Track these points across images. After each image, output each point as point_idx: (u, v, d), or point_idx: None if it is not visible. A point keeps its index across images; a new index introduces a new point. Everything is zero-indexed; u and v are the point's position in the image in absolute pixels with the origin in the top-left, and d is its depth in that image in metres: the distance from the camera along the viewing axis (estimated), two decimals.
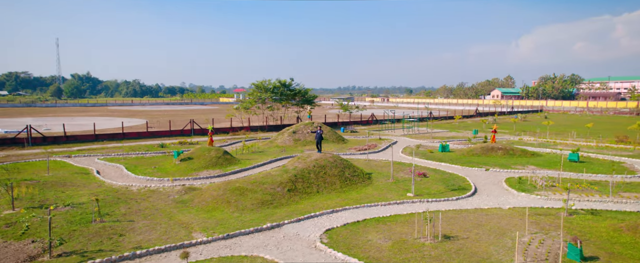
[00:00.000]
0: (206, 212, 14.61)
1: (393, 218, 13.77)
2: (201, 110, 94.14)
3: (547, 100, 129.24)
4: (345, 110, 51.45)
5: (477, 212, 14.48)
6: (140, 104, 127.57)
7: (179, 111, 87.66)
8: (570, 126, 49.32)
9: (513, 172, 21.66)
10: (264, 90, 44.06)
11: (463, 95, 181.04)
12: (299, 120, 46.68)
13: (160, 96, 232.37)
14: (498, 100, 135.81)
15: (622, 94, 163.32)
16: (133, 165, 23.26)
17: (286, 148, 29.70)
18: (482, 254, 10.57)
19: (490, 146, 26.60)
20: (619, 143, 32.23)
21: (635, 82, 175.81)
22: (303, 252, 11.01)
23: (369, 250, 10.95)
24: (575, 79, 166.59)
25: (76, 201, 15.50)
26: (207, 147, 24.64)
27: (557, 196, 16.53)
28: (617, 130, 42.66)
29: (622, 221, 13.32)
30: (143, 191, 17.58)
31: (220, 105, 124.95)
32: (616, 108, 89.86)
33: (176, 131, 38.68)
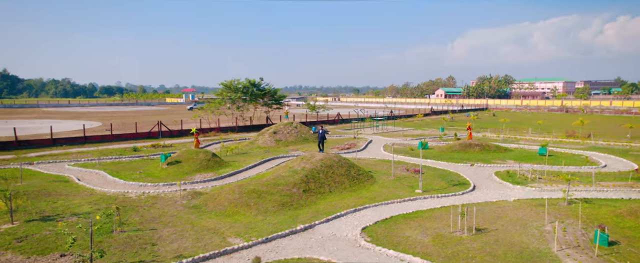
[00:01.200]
0: (227, 216, 14.15)
1: (417, 214, 14.25)
2: (152, 111, 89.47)
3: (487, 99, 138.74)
4: (313, 110, 51.66)
5: (488, 205, 15.41)
6: (79, 105, 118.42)
7: (129, 113, 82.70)
8: (520, 123, 53.45)
9: (496, 167, 23.18)
10: (234, 90, 42.96)
11: (410, 94, 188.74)
12: (268, 121, 46.16)
13: (96, 96, 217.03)
14: (450, 99, 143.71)
15: (546, 93, 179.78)
16: (115, 171, 21.77)
17: (270, 149, 29.33)
18: (519, 244, 11.34)
19: (468, 143, 28.22)
20: (569, 137, 35.60)
21: (556, 82, 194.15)
22: (353, 251, 11.10)
23: (415, 246, 11.29)
24: (508, 79, 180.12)
25: (77, 211, 14.32)
26: (194, 150, 23.71)
27: (548, 187, 18.03)
28: (561, 126, 47.04)
29: (614, 207, 14.88)
30: (143, 198, 16.59)
31: (170, 106, 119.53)
32: (545, 106, 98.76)
33: (143, 133, 36.62)
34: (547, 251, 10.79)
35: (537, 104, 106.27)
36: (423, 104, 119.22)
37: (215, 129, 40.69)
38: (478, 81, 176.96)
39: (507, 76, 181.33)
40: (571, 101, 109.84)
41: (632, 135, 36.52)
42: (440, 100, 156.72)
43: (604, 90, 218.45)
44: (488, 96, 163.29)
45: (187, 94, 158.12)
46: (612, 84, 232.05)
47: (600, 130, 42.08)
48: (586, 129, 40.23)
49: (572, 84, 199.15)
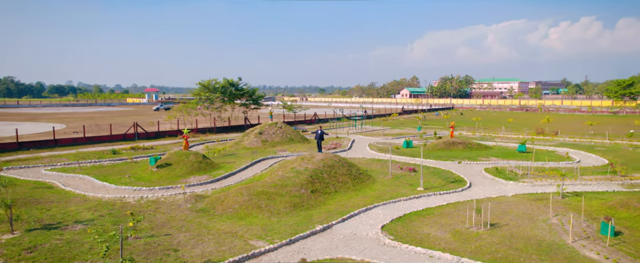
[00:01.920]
0: (239, 218, 13.87)
1: (427, 212, 14.60)
2: (116, 112, 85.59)
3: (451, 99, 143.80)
4: (290, 110, 51.45)
5: (490, 201, 16.02)
6: (30, 106, 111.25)
7: (91, 114, 78.72)
8: (489, 121, 55.86)
9: (482, 164, 24.15)
10: (212, 90, 41.93)
11: (376, 94, 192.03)
12: (247, 121, 45.51)
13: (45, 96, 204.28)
14: (415, 98, 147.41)
15: (504, 93, 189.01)
16: (101, 175, 20.73)
17: (257, 150, 28.95)
18: (534, 237, 11.91)
19: (451, 141, 29.19)
20: (539, 135, 37.68)
21: (512, 83, 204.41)
22: (381, 249, 11.22)
23: (438, 242, 11.58)
24: (468, 79, 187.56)
25: (79, 218, 13.54)
26: (184, 152, 23.01)
27: (539, 182, 19.04)
28: (528, 124, 49.63)
29: (604, 200, 15.95)
30: (143, 203, 15.93)
31: (133, 107, 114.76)
32: (505, 105, 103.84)
33: (118, 136, 35.02)
34: (562, 243, 11.42)
35: (497, 103, 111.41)
36: (391, 103, 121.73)
37: (193, 130, 39.62)
38: (440, 81, 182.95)
39: (467, 76, 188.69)
40: (527, 100, 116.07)
41: (593, 131, 39.15)
42: (405, 99, 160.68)
43: (553, 90, 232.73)
44: (450, 96, 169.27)
45: (150, 94, 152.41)
46: (559, 84, 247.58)
47: (563, 127, 44.78)
48: (552, 126, 42.67)
49: (526, 85, 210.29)
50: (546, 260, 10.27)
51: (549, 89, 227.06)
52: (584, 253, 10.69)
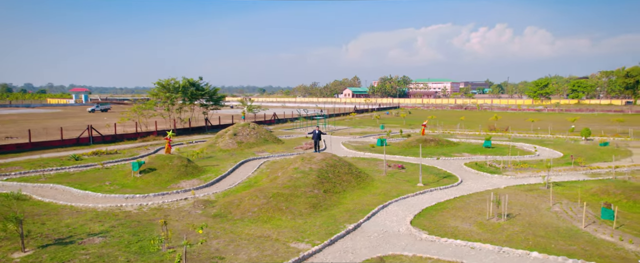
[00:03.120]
0: (264, 222, 13.50)
1: (441, 206, 15.30)
2: (42, 114, 77.54)
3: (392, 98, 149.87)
4: (250, 111, 50.44)
5: (488, 193, 17.17)
6: None
7: (14, 116, 70.62)
8: (441, 119, 59.16)
9: (459, 159, 25.66)
10: (172, 89, 39.70)
11: (319, 94, 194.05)
12: (208, 122, 43.85)
13: None
14: (368, 99, 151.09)
15: (438, 93, 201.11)
16: (76, 184, 18.91)
17: (234, 152, 28.13)
18: (550, 225, 13.02)
19: (423, 138, 30.62)
20: (492, 131, 40.79)
21: (445, 83, 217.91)
22: (423, 244, 11.58)
23: (469, 234, 12.23)
24: (406, 79, 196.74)
25: (89, 231, 12.32)
26: (167, 156, 21.76)
27: (520, 175, 20.73)
28: (478, 121, 53.38)
29: (583, 188, 17.82)
30: (146, 211, 14.87)
31: (62, 108, 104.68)
32: (444, 104, 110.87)
33: (70, 140, 31.95)
34: (576, 228, 12.63)
35: (435, 101, 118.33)
36: (339, 103, 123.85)
37: (152, 132, 37.35)
38: (380, 81, 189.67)
39: (404, 77, 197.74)
40: (463, 100, 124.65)
41: (535, 127, 43.25)
42: (349, 99, 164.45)
43: (479, 90, 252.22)
44: (390, 95, 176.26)
45: (78, 94, 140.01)
46: (483, 84, 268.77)
47: (508, 124, 48.82)
48: (499, 123, 46.37)
49: (457, 85, 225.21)
50: (573, 244, 11.32)
51: (475, 88, 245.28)
52: (600, 236, 11.94)
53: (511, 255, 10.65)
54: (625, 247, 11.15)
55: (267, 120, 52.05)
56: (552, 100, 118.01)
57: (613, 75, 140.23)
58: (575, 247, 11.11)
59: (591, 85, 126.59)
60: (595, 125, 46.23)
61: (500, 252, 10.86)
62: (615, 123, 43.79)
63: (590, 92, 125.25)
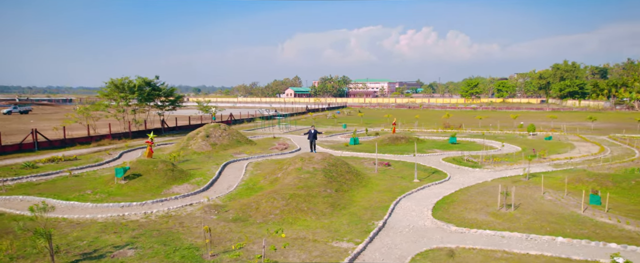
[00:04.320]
0: (290, 223, 13.29)
1: (449, 199, 16.10)
2: None
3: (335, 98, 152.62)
4: (206, 112, 48.61)
5: (483, 186, 18.45)
6: None
7: None
8: (397, 118, 61.50)
9: (433, 155, 27.08)
10: (127, 89, 36.85)
11: (260, 93, 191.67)
12: (164, 124, 41.49)
13: None
14: (318, 98, 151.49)
15: (376, 93, 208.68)
16: (52, 194, 17.09)
17: (210, 154, 27.03)
18: (554, 212, 14.34)
19: (395, 136, 31.81)
20: (447, 128, 43.45)
21: (382, 83, 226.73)
22: (457, 236, 12.16)
23: (491, 224, 13.07)
24: (345, 79, 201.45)
25: (111, 243, 11.25)
26: (151, 160, 20.44)
27: (499, 168, 22.44)
28: (432, 119, 56.38)
29: (556, 178, 19.78)
30: (155, 218, 13.91)
31: None
32: (389, 103, 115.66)
33: (11, 146, 28.48)
34: (577, 214, 14.07)
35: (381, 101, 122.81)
36: (284, 103, 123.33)
37: (107, 136, 34.54)
38: (321, 81, 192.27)
39: (344, 77, 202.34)
40: (401, 99, 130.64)
41: (483, 124, 46.87)
42: (291, 98, 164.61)
43: (412, 90, 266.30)
44: (332, 95, 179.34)
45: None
46: (415, 84, 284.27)
47: (459, 121, 52.25)
48: (451, 121, 49.49)
49: (393, 85, 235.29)
50: (583, 228, 12.63)
51: (410, 88, 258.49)
52: (600, 220, 13.44)
53: (540, 241, 11.62)
54: (625, 228, 12.69)
55: (224, 120, 50.45)
56: (483, 99, 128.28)
57: (528, 76, 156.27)
58: (586, 231, 12.40)
59: (512, 85, 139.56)
60: (531, 121, 51.19)
61: (528, 239, 11.79)
62: (549, 119, 48.90)
63: (512, 92, 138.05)
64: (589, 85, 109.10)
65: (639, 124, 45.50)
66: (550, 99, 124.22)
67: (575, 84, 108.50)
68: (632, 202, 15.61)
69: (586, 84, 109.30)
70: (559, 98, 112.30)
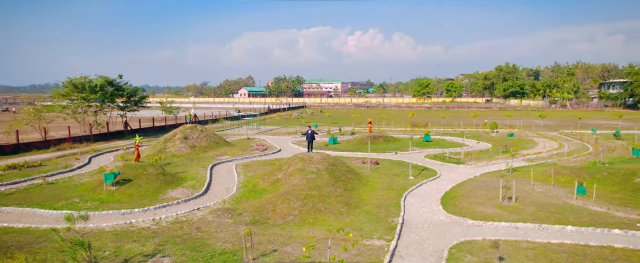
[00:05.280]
0: (311, 224, 13.28)
1: (450, 195, 16.80)
2: None
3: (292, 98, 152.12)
4: (170, 112, 46.56)
5: (475, 181, 19.43)
6: None
7: None
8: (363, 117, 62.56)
9: (414, 153, 28.00)
10: (88, 89, 34.23)
11: (213, 93, 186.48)
12: (127, 126, 39.22)
13: None
14: (279, 98, 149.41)
15: (330, 92, 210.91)
16: (34, 204, 15.73)
17: (191, 157, 26.05)
18: (551, 203, 15.44)
19: (373, 135, 32.50)
20: (414, 127, 45.07)
21: (335, 83, 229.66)
22: (476, 229, 12.76)
23: (501, 216, 13.85)
24: (300, 79, 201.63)
25: (140, 252, 10.59)
26: (140, 164, 19.39)
27: (480, 164, 23.71)
28: (397, 119, 57.99)
29: (537, 171, 21.29)
30: (167, 225, 13.30)
31: None
32: (347, 103, 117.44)
33: None
34: (570, 204, 15.29)
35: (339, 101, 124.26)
36: (244, 103, 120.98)
37: (66, 139, 32.02)
38: (274, 81, 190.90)
39: (298, 77, 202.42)
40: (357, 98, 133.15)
41: (446, 122, 49.13)
42: (245, 98, 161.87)
43: (364, 90, 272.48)
44: (286, 95, 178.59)
45: None
46: (366, 84, 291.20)
47: (423, 120, 54.29)
48: (416, 120, 51.30)
49: (346, 85, 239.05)
50: (582, 217, 13.76)
51: (361, 88, 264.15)
52: (592, 208, 14.73)
53: (552, 231, 12.54)
54: (616, 214, 14.03)
55: (187, 122, 48.57)
56: (434, 99, 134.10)
57: (473, 77, 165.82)
58: (586, 219, 13.55)
59: (460, 85, 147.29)
60: (488, 120, 54.48)
61: (541, 229, 12.67)
62: (505, 117, 52.35)
63: (460, 91, 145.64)
64: (528, 86, 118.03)
65: (579, 121, 50.06)
66: (494, 98, 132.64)
67: (517, 84, 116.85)
68: (610, 191, 17.25)
69: (526, 85, 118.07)
70: (502, 97, 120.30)
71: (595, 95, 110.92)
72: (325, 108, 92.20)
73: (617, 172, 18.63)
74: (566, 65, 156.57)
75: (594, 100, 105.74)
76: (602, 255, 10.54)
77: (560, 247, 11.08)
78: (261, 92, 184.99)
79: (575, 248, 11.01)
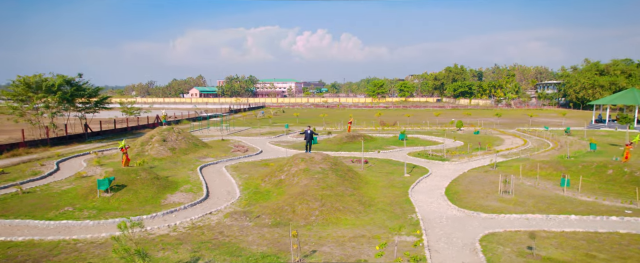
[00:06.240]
0: (334, 223, 13.33)
1: (451, 190, 17.57)
2: None
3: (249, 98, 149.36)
4: (131, 114, 44.05)
5: (468, 176, 20.41)
6: None
7: None
8: (333, 117, 62.91)
9: (395, 151, 28.80)
10: (44, 89, 31.34)
11: (161, 93, 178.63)
12: (88, 129, 36.63)
13: None
14: (239, 98, 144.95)
15: (284, 92, 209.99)
16: (23, 214, 14.42)
17: (174, 160, 24.95)
18: (545, 195, 16.62)
19: (353, 135, 32.97)
20: (383, 126, 46.22)
21: (289, 83, 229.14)
22: (493, 221, 13.45)
23: (506, 209, 14.72)
24: (253, 79, 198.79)
25: (178, 260, 10.06)
26: (132, 169, 18.41)
27: (462, 160, 24.92)
28: (365, 118, 58.96)
29: (515, 166, 22.79)
30: (188, 231, 12.77)
31: None
32: (307, 103, 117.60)
33: None
34: (561, 195, 16.57)
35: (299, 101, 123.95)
36: (199, 103, 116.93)
37: (19, 144, 29.28)
38: (227, 81, 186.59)
39: (251, 76, 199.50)
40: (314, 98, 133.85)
41: (411, 121, 50.86)
42: (196, 99, 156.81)
43: (317, 90, 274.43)
44: (239, 95, 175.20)
45: None
46: (318, 84, 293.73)
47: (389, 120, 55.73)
48: (384, 119, 52.59)
49: (300, 85, 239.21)
50: (578, 206, 14.99)
51: (315, 88, 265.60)
52: (582, 199, 16.08)
53: (558, 220, 13.57)
54: (604, 203, 15.45)
55: (150, 123, 46.31)
56: (388, 98, 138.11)
57: (422, 78, 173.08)
58: (581, 208, 14.80)
59: (413, 85, 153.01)
60: (450, 118, 57.21)
61: (549, 219, 13.66)
62: (465, 115, 55.21)
63: (412, 91, 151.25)
64: (475, 86, 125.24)
65: (530, 119, 54.12)
66: (444, 98, 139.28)
67: (466, 85, 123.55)
68: (588, 182, 18.89)
69: (473, 85, 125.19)
70: (452, 97, 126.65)
71: (534, 94, 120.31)
72: (286, 108, 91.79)
73: (590, 165, 20.45)
74: (505, 67, 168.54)
75: (533, 99, 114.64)
76: (614, 240, 11.61)
77: (575, 235, 12.04)
78: (213, 92, 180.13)
79: (588, 235, 12.02)
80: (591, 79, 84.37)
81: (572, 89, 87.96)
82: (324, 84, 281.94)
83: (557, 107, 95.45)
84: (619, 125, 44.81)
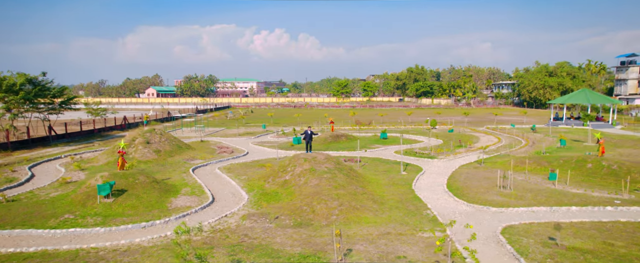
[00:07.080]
0: (356, 222, 13.46)
1: (452, 185, 18.23)
2: None
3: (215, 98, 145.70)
4: (98, 115, 41.74)
5: (462, 173, 21.21)
6: None
7: None
8: (306, 117, 62.69)
9: (381, 150, 29.39)
10: (4, 88, 28.86)
11: (115, 93, 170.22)
12: (52, 131, 34.31)
13: None
14: (205, 98, 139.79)
15: (246, 92, 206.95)
16: (20, 223, 13.45)
17: (161, 163, 24.03)
18: (540, 189, 17.61)
19: (336, 134, 33.21)
20: (359, 125, 46.88)
21: (251, 83, 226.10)
22: (504, 215, 14.11)
23: (510, 203, 15.52)
24: (213, 78, 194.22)
25: None
26: (129, 173, 17.59)
27: (449, 157, 25.86)
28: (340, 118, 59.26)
29: (500, 162, 23.99)
30: (212, 235, 12.41)
31: None
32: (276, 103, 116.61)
33: None
34: (554, 188, 17.66)
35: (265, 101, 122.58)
36: (157, 104, 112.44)
37: None
38: (185, 80, 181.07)
39: (211, 76, 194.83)
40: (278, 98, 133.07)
41: (384, 120, 51.93)
42: (154, 99, 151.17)
43: (278, 89, 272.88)
44: (199, 94, 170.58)
45: None
46: (279, 84, 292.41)
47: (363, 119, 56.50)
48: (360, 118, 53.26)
49: (262, 84, 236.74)
50: (573, 198, 16.07)
51: (276, 88, 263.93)
52: (573, 191, 17.24)
53: (560, 212, 14.50)
54: (594, 195, 16.66)
55: (118, 125, 44.08)
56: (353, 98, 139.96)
57: (384, 78, 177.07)
58: (576, 200, 15.89)
59: (376, 85, 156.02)
60: (422, 118, 59.01)
61: (553, 211, 14.56)
62: (435, 114, 57.16)
63: (375, 91, 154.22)
64: (436, 86, 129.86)
65: (495, 117, 57.02)
66: (406, 97, 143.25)
67: (427, 85, 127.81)
68: (572, 175, 20.26)
69: (434, 85, 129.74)
70: (414, 96, 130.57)
71: (490, 94, 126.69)
72: (253, 108, 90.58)
73: (570, 160, 21.94)
74: (460, 68, 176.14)
75: (489, 99, 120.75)
76: (619, 228, 12.60)
77: (583, 225, 12.93)
78: (172, 91, 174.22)
79: (595, 225, 12.94)
80: (542, 80, 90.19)
81: (526, 89, 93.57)
82: (285, 84, 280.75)
83: (512, 106, 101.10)
84: (574, 122, 48.40)
